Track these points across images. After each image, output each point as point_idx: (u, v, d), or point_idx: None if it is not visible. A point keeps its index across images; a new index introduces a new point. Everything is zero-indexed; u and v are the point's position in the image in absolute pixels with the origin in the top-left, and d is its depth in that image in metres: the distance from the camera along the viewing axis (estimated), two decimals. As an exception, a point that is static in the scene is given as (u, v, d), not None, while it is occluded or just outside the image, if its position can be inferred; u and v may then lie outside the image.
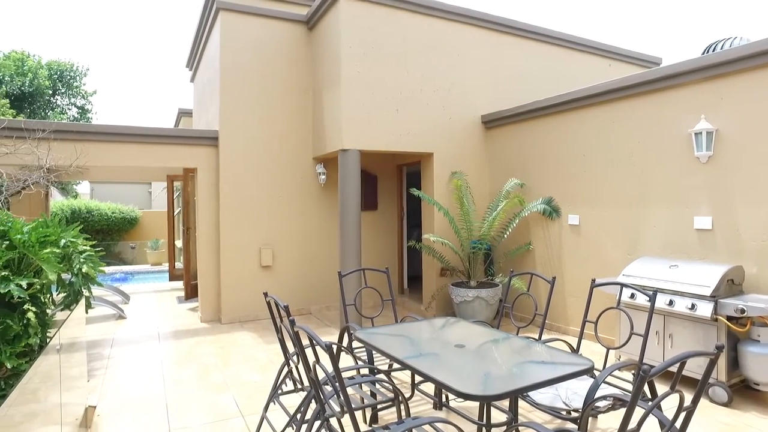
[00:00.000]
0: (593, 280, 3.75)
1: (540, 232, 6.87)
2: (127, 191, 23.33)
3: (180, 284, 10.24)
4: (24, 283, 3.86)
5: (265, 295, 3.36)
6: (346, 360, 4.54)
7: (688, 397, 2.05)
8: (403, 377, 4.75)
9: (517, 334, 3.69)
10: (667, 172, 5.25)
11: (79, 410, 3.97)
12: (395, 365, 4.05)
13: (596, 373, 3.05)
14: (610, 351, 3.66)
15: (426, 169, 7.57)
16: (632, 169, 5.62)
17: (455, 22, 7.52)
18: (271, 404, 3.53)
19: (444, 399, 4.01)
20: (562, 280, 6.49)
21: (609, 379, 3.42)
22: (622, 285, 3.67)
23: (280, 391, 3.56)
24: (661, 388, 2.67)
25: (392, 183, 8.85)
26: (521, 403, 3.77)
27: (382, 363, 4.21)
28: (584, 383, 3.22)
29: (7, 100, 16.98)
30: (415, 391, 4.16)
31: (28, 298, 3.89)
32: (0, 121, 5.31)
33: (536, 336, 3.80)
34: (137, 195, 23.88)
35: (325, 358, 2.44)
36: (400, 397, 3.04)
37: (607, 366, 3.32)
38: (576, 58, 8.69)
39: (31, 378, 3.25)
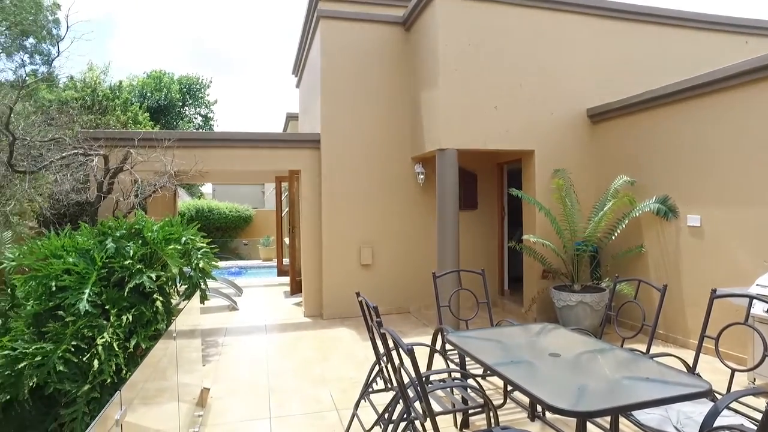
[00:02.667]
0: (713, 291, 3.33)
1: (653, 234, 6.27)
2: (244, 191, 25.34)
3: (287, 279, 10.89)
4: (154, 276, 4.38)
5: (358, 294, 3.45)
6: (439, 362, 4.52)
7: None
8: (498, 383, 4.62)
9: (622, 345, 3.41)
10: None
11: (196, 391, 4.40)
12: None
13: (718, 396, 2.71)
14: (738, 372, 3.22)
15: (527, 167, 7.27)
16: (771, 163, 4.91)
17: (557, 12, 7.12)
18: (362, 401, 3.62)
19: (539, 410, 3.83)
20: (679, 287, 5.87)
21: (734, 405, 3.02)
22: (753, 297, 3.22)
23: (371, 389, 3.64)
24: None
25: (493, 181, 8.62)
26: (623, 421, 3.48)
27: (476, 367, 4.13)
28: (701, 407, 2.88)
29: (148, 114, 19.25)
30: (508, 399, 4.02)
31: (156, 289, 4.40)
32: (136, 133, 6.09)
33: (644, 349, 3.48)
34: (252, 194, 25.83)
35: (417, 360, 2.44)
36: (489, 405, 2.96)
37: (732, 389, 2.93)
38: (699, 37, 7.76)
39: (160, 359, 3.66)
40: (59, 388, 3.71)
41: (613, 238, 6.41)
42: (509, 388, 4.03)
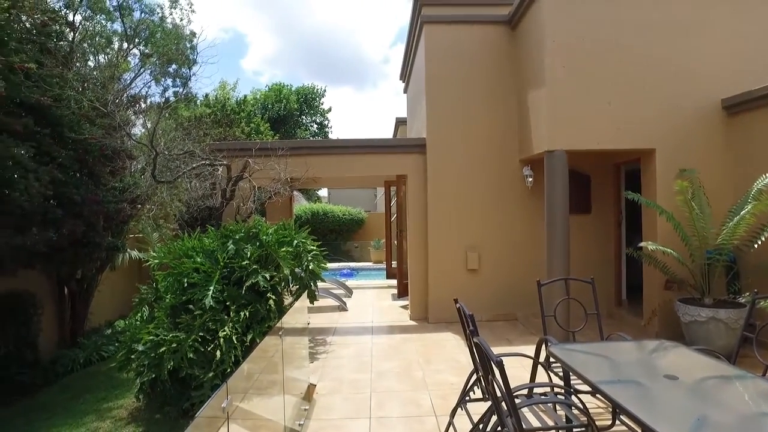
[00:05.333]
0: None
1: (810, 242, 5.36)
2: (357, 194, 26.37)
3: (395, 282, 11.11)
4: (268, 276, 4.77)
5: (456, 301, 3.43)
6: (543, 375, 4.31)
7: None
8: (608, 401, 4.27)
9: (765, 374, 2.97)
10: None
11: (303, 386, 4.68)
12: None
13: None
14: None
15: (646, 167, 6.64)
16: None
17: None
18: (459, 409, 3.58)
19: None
20: None
21: None
22: None
23: (468, 398, 3.59)
24: None
25: (608, 183, 8.01)
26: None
27: (582, 383, 3.87)
28: None
29: (268, 124, 20.91)
30: (617, 421, 3.70)
31: (270, 288, 4.79)
32: (254, 143, 6.71)
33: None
34: (365, 198, 26.79)
35: (517, 373, 2.38)
36: (593, 427, 2.76)
37: None
38: None
39: (273, 354, 3.97)
40: (190, 373, 4.20)
41: (756, 246, 5.59)
42: (620, 408, 3.71)
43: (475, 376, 3.52)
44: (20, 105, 5.49)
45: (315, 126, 28.63)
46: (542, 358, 3.96)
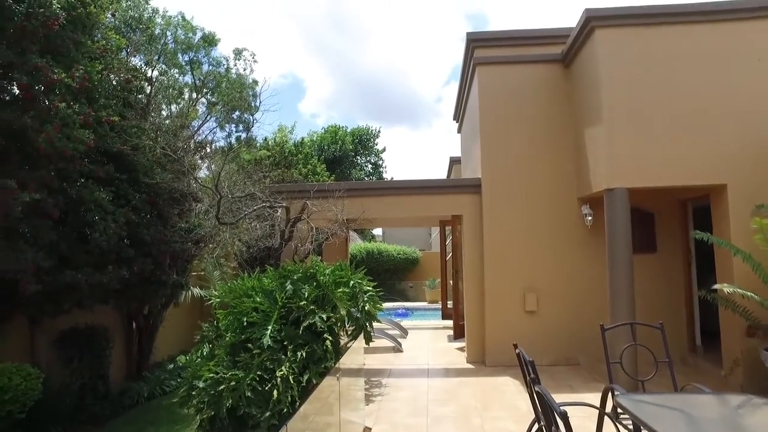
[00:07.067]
0: None
1: None
2: (411, 233, 26.37)
3: (451, 323, 10.89)
4: (325, 316, 4.82)
5: (515, 346, 3.32)
6: (609, 426, 4.03)
7: None
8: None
9: None
10: None
11: (359, 429, 4.62)
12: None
13: None
14: None
15: (717, 204, 6.26)
16: None
17: (748, 21, 6.17)
18: (521, 461, 3.40)
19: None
20: None
21: None
22: None
23: (530, 449, 3.40)
24: None
25: (674, 221, 7.60)
26: None
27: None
28: None
29: (324, 165, 21.58)
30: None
31: (326, 329, 4.83)
32: (312, 185, 6.96)
33: None
34: (419, 236, 26.72)
35: (582, 423, 2.25)
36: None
37: None
38: None
39: (328, 395, 3.97)
40: (247, 411, 4.26)
41: None
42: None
43: (536, 426, 3.34)
44: (104, 153, 6.02)
45: (370, 166, 29.25)
46: (608, 408, 3.71)
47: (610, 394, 3.59)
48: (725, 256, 6.02)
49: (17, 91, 4.79)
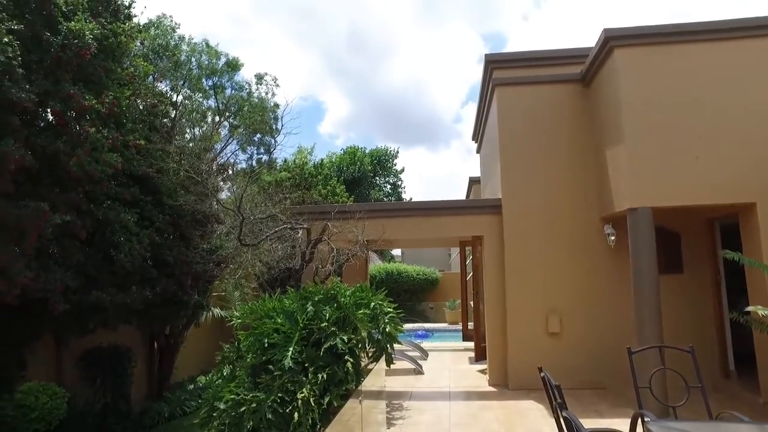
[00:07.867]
0: None
1: None
2: (431, 254, 26.21)
3: (472, 344, 10.71)
4: (345, 338, 4.80)
5: (540, 370, 3.26)
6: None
7: None
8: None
9: None
10: None
11: (380, 454, 4.53)
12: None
13: None
14: None
15: (746, 222, 6.10)
16: None
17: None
18: (549, 490, 3.29)
19: None
20: None
21: None
22: None
23: (558, 477, 3.29)
24: None
25: (700, 240, 7.41)
26: None
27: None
28: None
29: (344, 186, 21.74)
30: None
31: (347, 350, 4.80)
32: (332, 207, 7.03)
33: None
34: (439, 257, 26.53)
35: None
36: None
37: None
38: None
39: (349, 418, 3.93)
40: (267, 434, 4.23)
41: None
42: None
43: (564, 453, 3.24)
44: (130, 176, 6.18)
45: (388, 187, 29.36)
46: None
47: (640, 420, 3.48)
48: (758, 276, 5.84)
49: (51, 118, 4.97)
